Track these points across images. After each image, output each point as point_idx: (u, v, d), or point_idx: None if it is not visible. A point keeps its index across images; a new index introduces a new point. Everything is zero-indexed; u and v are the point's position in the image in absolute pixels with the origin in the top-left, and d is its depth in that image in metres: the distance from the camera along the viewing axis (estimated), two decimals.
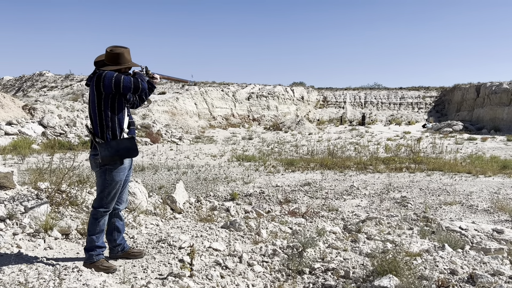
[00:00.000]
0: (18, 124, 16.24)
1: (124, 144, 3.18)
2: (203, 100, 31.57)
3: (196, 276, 3.13)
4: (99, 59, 3.27)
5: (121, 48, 3.24)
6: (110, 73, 3.09)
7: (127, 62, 3.25)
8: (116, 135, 3.16)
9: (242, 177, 9.55)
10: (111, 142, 3.13)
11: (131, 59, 3.30)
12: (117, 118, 3.16)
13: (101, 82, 3.07)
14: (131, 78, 3.16)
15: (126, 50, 3.25)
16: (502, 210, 6.46)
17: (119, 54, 3.20)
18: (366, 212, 6.57)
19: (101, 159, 3.12)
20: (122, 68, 3.22)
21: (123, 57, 3.21)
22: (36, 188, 4.60)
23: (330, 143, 19.36)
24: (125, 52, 3.24)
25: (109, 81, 3.05)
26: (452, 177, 9.70)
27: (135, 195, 5.18)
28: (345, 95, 40.45)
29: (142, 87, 3.20)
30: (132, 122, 3.38)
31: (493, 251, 3.99)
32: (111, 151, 3.11)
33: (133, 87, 3.14)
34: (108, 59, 3.21)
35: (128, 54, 3.26)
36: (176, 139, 20.23)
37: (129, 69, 3.32)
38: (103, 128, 3.13)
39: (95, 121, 3.16)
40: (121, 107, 3.19)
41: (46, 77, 38.62)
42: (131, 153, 3.24)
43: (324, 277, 3.30)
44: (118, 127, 3.16)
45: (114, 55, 3.19)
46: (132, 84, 3.13)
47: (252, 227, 4.67)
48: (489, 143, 20.47)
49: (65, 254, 3.56)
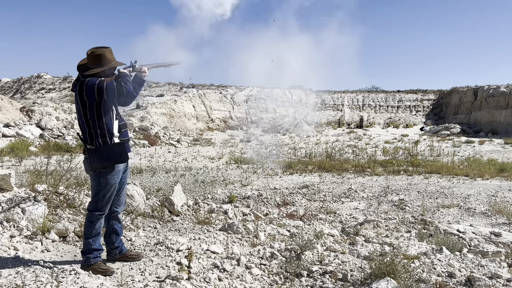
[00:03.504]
0: (16, 126, 16.20)
1: (114, 150, 3.14)
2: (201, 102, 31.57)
3: (193, 279, 3.13)
4: (82, 63, 3.15)
5: (102, 48, 3.13)
6: (92, 81, 2.99)
7: (110, 62, 3.14)
8: (106, 141, 3.09)
9: (240, 180, 9.54)
10: (101, 148, 3.08)
11: (114, 59, 3.19)
12: (105, 124, 3.07)
13: (83, 92, 2.98)
14: (114, 83, 3.05)
15: (107, 50, 3.14)
16: (500, 213, 6.47)
17: (100, 55, 3.09)
18: (364, 215, 6.57)
19: (91, 166, 3.11)
20: (105, 69, 3.13)
21: (104, 57, 3.10)
22: (34, 190, 4.59)
23: (328, 145, 19.37)
24: (107, 52, 3.13)
25: (91, 90, 2.96)
26: (449, 180, 9.72)
27: (133, 197, 5.17)
28: (343, 98, 40.49)
29: (127, 91, 3.09)
30: (123, 124, 3.29)
31: (491, 254, 4.00)
32: (100, 158, 3.08)
33: (116, 93, 3.04)
34: (90, 61, 3.10)
35: (110, 54, 3.15)
36: (174, 142, 20.22)
37: (114, 69, 3.23)
38: (92, 135, 3.08)
39: (83, 129, 3.10)
40: (108, 112, 3.09)
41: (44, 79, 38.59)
42: (121, 159, 3.19)
43: (322, 280, 3.30)
44: (107, 133, 3.09)
45: (96, 57, 3.09)
46: (115, 90, 3.03)
47: (250, 229, 4.67)
48: (486, 146, 20.53)
49: (62, 257, 3.54)
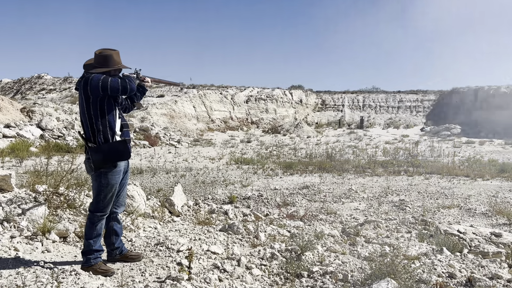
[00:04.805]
0: (16, 126, 16.21)
1: (116, 147, 3.15)
2: (202, 103, 31.56)
3: (194, 280, 3.13)
4: (88, 62, 3.23)
5: (110, 50, 3.20)
6: (96, 76, 3.03)
7: (116, 64, 3.19)
8: (108, 138, 3.11)
9: (240, 180, 9.54)
10: (103, 146, 3.10)
11: (120, 61, 3.24)
12: (107, 121, 3.10)
13: (88, 86, 3.02)
14: (119, 79, 3.09)
15: (115, 52, 3.21)
16: (500, 214, 6.47)
17: (108, 56, 3.16)
18: (365, 215, 6.57)
19: (93, 163, 3.11)
20: (111, 70, 3.17)
21: (112, 59, 3.17)
22: (34, 190, 4.59)
23: (328, 146, 19.36)
24: (114, 54, 3.19)
25: (96, 84, 2.99)
26: (450, 181, 9.71)
27: (133, 198, 5.17)
28: (343, 98, 40.47)
29: (131, 88, 3.12)
30: (125, 124, 3.32)
31: (491, 255, 3.99)
32: (102, 155, 3.09)
33: (121, 88, 3.06)
34: (97, 61, 3.16)
35: (117, 56, 3.21)
36: (174, 142, 20.22)
37: (119, 71, 3.27)
38: (94, 132, 3.09)
39: (86, 126, 3.13)
40: (111, 110, 3.14)
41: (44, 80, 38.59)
42: (123, 156, 3.20)
43: (323, 280, 3.30)
44: (109, 130, 3.12)
45: (103, 57, 3.15)
46: (119, 85, 3.05)
47: (251, 230, 4.67)
48: (487, 147, 20.53)
49: (62, 257, 3.55)
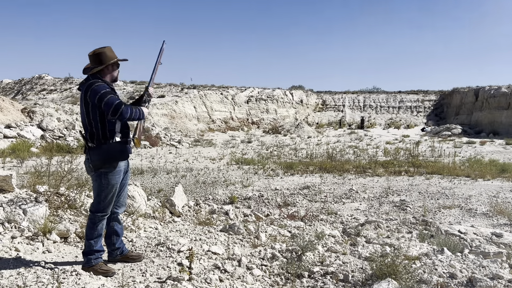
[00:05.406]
0: (17, 127, 16.23)
1: (115, 148, 3.18)
2: (202, 103, 31.57)
3: (195, 280, 3.13)
4: (87, 66, 3.29)
5: (102, 48, 3.25)
6: (98, 88, 3.04)
7: (111, 59, 3.23)
8: (107, 139, 3.15)
9: (241, 181, 9.54)
10: (102, 146, 3.14)
11: (115, 56, 3.28)
12: (107, 123, 3.14)
13: (88, 93, 3.09)
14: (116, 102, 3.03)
15: (107, 48, 3.26)
16: (501, 214, 6.46)
17: (101, 54, 3.21)
18: (365, 215, 6.57)
19: (92, 164, 3.14)
20: (109, 65, 3.22)
21: (105, 55, 3.21)
22: (35, 191, 4.60)
23: (329, 146, 19.36)
24: (107, 50, 3.24)
25: (94, 96, 3.05)
26: (451, 181, 9.71)
27: (134, 198, 5.17)
28: (344, 98, 40.46)
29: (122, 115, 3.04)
30: (125, 124, 3.32)
31: (492, 255, 3.99)
32: (101, 156, 3.13)
33: (112, 109, 3.01)
34: (92, 61, 3.22)
35: (110, 52, 3.26)
36: (175, 143, 20.24)
37: (117, 66, 3.31)
38: (94, 134, 3.14)
39: (86, 127, 3.18)
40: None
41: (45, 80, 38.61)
42: (122, 156, 3.23)
43: (323, 281, 3.30)
44: (108, 131, 3.15)
45: (96, 56, 3.20)
46: (112, 106, 3.01)
47: (251, 230, 4.67)
48: (487, 147, 20.50)
49: (63, 258, 3.55)
